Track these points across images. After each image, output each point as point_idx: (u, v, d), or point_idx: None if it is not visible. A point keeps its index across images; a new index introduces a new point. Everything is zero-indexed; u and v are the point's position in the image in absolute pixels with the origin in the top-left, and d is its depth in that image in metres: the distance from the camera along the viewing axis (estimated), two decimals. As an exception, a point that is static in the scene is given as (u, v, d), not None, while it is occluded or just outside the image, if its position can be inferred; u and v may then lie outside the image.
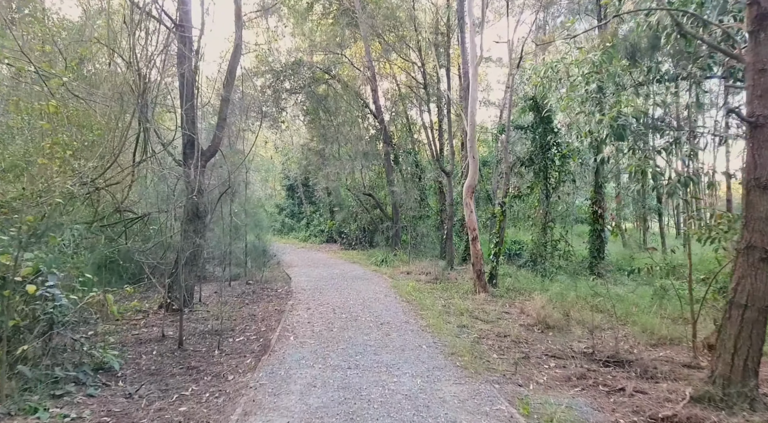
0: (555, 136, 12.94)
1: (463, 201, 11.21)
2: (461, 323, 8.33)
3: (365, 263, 17.04)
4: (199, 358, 6.63)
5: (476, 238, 11.06)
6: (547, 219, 13.24)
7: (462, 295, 11.05)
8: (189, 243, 8.93)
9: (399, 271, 15.01)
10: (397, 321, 8.40)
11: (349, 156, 19.55)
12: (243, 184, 14.27)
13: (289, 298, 10.89)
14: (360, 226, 22.23)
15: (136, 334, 7.70)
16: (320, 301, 10.34)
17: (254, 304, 10.42)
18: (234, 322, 8.61)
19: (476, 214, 14.72)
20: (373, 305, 9.75)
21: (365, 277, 13.95)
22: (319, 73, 19.82)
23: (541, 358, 6.68)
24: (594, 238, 13.72)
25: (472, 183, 11.09)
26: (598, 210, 13.64)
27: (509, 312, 9.55)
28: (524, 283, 12.22)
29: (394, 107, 21.31)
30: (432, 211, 20.49)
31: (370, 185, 21.71)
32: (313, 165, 23.08)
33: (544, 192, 13.30)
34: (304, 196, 30.96)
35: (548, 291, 11.03)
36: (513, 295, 11.09)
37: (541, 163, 13.09)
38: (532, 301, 10.07)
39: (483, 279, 11.08)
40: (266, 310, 9.63)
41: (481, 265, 11.09)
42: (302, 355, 6.45)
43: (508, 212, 22.73)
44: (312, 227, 28.91)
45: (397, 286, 11.97)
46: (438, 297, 10.82)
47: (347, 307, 9.64)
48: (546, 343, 7.43)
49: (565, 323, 8.49)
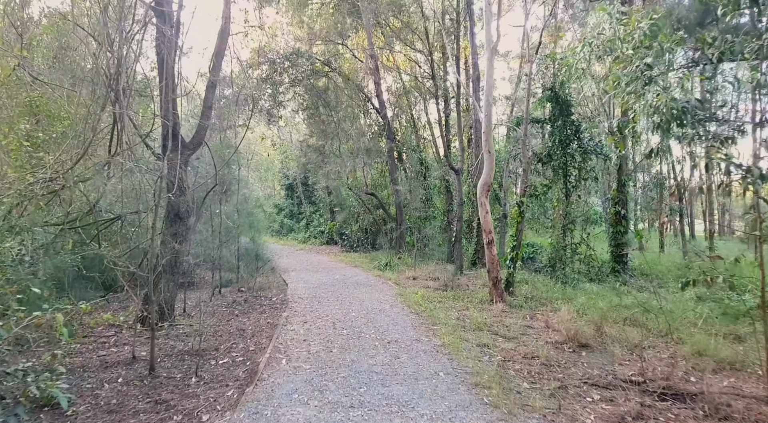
0: (576, 129, 11.82)
1: (478, 200, 10.10)
2: (481, 341, 7.21)
3: (368, 267, 15.93)
4: (172, 387, 5.53)
5: (492, 242, 9.95)
6: (566, 220, 12.12)
7: (477, 305, 9.94)
8: (168, 248, 7.85)
9: (404, 277, 13.91)
10: (407, 339, 7.28)
11: (350, 153, 18.45)
12: (235, 182, 13.23)
13: (284, 308, 9.78)
14: (362, 228, 21.13)
15: (103, 356, 6.60)
16: (318, 312, 9.23)
17: (245, 315, 9.32)
18: (219, 339, 7.51)
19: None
20: (378, 318, 8.64)
21: (368, 283, 12.84)
22: (318, 64, 18.71)
23: (581, 388, 5.56)
24: (616, 242, 12.60)
25: (487, 180, 9.99)
26: (621, 211, 12.53)
27: (532, 326, 8.43)
28: (543, 290, 11.10)
29: (398, 102, 20.20)
30: (438, 212, 19.38)
31: (372, 184, 20.60)
32: (312, 163, 21.97)
33: (564, 191, 12.19)
34: (304, 196, 29.87)
35: (572, 301, 9.94)
36: (533, 304, 9.98)
37: (561, 159, 11.97)
38: (557, 312, 8.99)
39: (500, 287, 9.97)
40: (257, 324, 8.52)
41: (497, 272, 9.98)
42: (295, 385, 5.34)
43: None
44: (312, 228, 27.83)
45: (404, 295, 10.86)
46: (450, 307, 9.71)
47: (349, 320, 8.53)
48: (582, 367, 6.32)
49: (600, 341, 7.39)
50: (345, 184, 20.62)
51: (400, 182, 18.85)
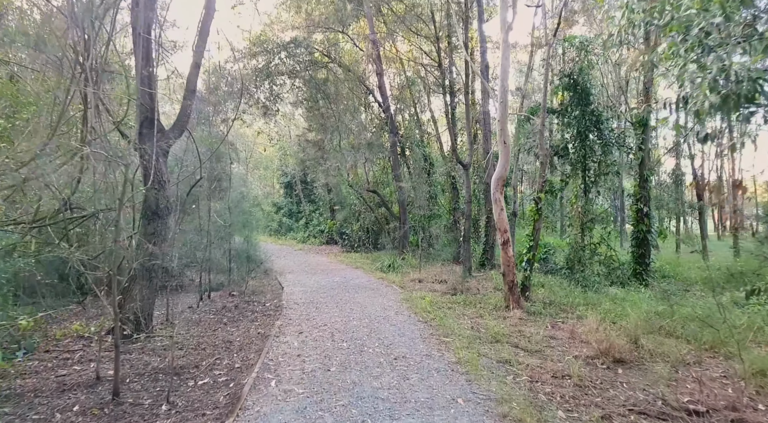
0: (596, 119, 10.87)
1: (492, 196, 9.16)
2: (501, 356, 6.27)
3: (369, 269, 14.99)
4: (137, 418, 4.59)
5: (508, 242, 9.01)
6: (585, 218, 11.17)
7: (491, 311, 9.01)
8: (143, 250, 6.92)
9: (409, 279, 12.97)
10: (416, 353, 6.34)
11: (351, 148, 17.48)
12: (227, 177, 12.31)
13: (278, 315, 8.85)
14: (363, 227, 20.17)
15: (62, 376, 5.66)
16: (316, 320, 8.29)
17: (234, 323, 8.38)
18: (201, 354, 6.58)
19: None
20: (382, 328, 7.70)
21: (370, 286, 11.90)
22: (318, 55, 17.76)
23: (628, 419, 4.63)
24: (639, 242, 11.65)
25: (502, 174, 9.04)
26: (644, 208, 11.58)
27: (555, 336, 7.49)
28: (562, 295, 10.17)
29: (401, 94, 19.24)
30: (443, 210, 18.43)
31: (374, 181, 19.65)
32: (311, 159, 21.01)
33: (582, 186, 11.24)
34: (303, 194, 28.93)
35: (596, 307, 9.01)
36: (553, 311, 9.04)
37: (579, 152, 11.02)
38: (582, 320, 8.06)
39: (516, 292, 9.03)
40: (247, 335, 7.58)
41: (513, 275, 9.05)
42: (284, 417, 4.41)
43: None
44: (311, 227, 26.90)
45: (410, 300, 9.92)
46: (461, 314, 8.77)
47: (350, 330, 7.59)
48: (623, 389, 5.38)
49: (637, 355, 6.45)
50: (345, 181, 19.67)
51: (403, 179, 17.92)
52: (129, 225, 7.69)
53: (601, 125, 10.85)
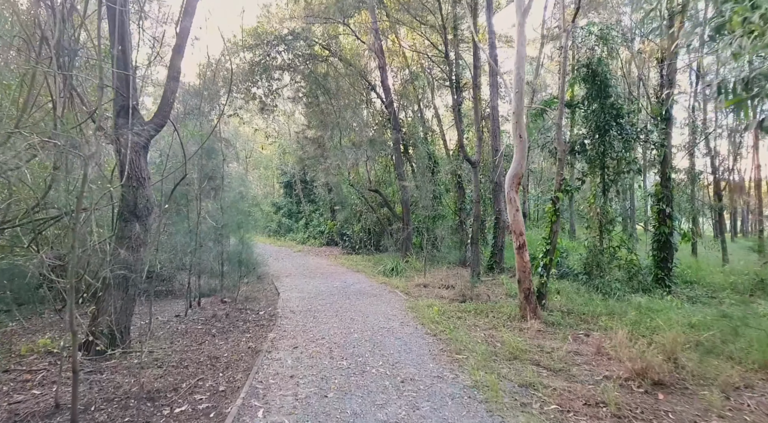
0: (616, 113, 10.07)
1: (506, 196, 8.37)
2: (522, 378, 5.49)
3: (371, 272, 14.21)
4: (95, 460, 3.81)
5: (524, 246, 8.23)
6: (604, 219, 10.38)
7: (505, 322, 8.22)
8: (118, 255, 6.15)
9: (413, 284, 12.19)
10: (426, 375, 5.56)
11: (352, 145, 16.68)
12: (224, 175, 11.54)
13: (272, 326, 8.07)
14: (364, 228, 19.39)
15: (17, 403, 4.88)
16: (313, 333, 7.51)
17: (223, 335, 7.60)
18: (182, 373, 5.80)
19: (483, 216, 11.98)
20: (386, 342, 6.91)
21: (373, 292, 11.12)
22: (318, 48, 16.99)
23: (685, 463, 3.84)
24: (660, 244, 10.85)
25: (518, 171, 8.25)
26: (666, 208, 10.77)
27: (579, 351, 6.70)
28: (580, 303, 9.38)
29: (404, 89, 18.45)
30: (448, 211, 17.63)
31: (376, 180, 18.87)
32: (311, 157, 20.21)
33: (601, 185, 10.45)
34: (303, 194, 28.15)
35: (620, 317, 8.22)
36: (572, 321, 8.26)
37: (597, 148, 10.22)
38: (607, 333, 7.27)
39: (533, 301, 8.25)
40: (236, 349, 6.80)
41: (530, 282, 8.26)
42: (270, 463, 3.63)
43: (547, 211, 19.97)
44: (311, 228, 26.12)
45: (416, 308, 9.14)
46: (473, 325, 7.99)
47: (350, 344, 6.81)
48: (669, 421, 4.59)
49: (678, 377, 5.66)
50: (346, 180, 18.88)
51: (406, 178, 17.14)
52: (105, 228, 6.94)
53: (621, 119, 10.05)
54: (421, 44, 18.23)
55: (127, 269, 6.29)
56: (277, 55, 16.54)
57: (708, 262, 14.88)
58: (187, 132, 10.35)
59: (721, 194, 16.65)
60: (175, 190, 7.28)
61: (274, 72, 16.77)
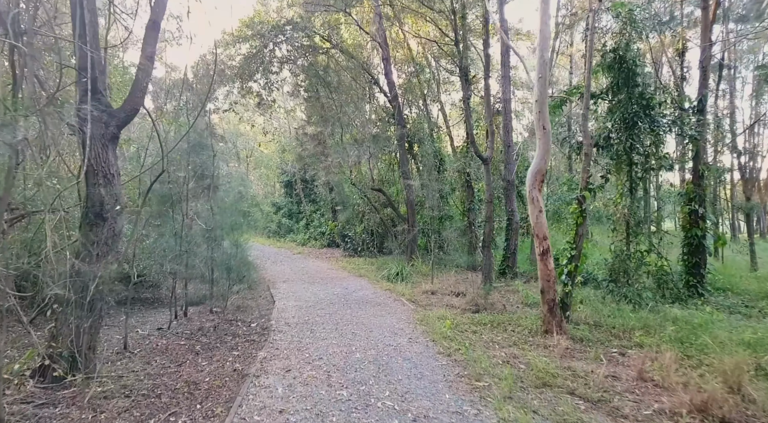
0: (646, 103, 9.11)
1: (528, 195, 7.43)
2: (559, 415, 4.56)
3: (375, 277, 13.28)
4: None
5: (548, 252, 7.29)
6: (632, 222, 9.42)
7: (526, 337, 7.30)
8: (83, 262, 5.27)
9: (420, 290, 11.27)
10: (443, 410, 4.63)
11: (354, 141, 15.74)
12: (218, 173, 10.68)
13: (264, 342, 7.16)
14: (367, 229, 18.46)
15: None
16: (309, 351, 6.58)
17: (207, 353, 6.69)
18: (153, 405, 4.89)
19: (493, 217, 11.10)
20: (393, 364, 5.99)
21: (377, 300, 10.20)
22: (318, 39, 16.07)
23: None
24: (692, 249, 9.90)
25: (541, 167, 7.32)
26: (699, 209, 9.82)
27: (618, 376, 5.77)
28: (607, 313, 8.45)
29: (409, 83, 17.51)
30: (455, 211, 16.70)
31: (379, 179, 17.93)
32: (310, 155, 19.27)
33: (628, 183, 9.50)
34: (303, 194, 27.24)
35: (656, 331, 7.29)
36: (602, 336, 7.32)
37: (625, 143, 9.27)
38: (646, 352, 6.35)
39: (557, 313, 7.31)
40: (220, 372, 5.89)
41: (554, 292, 7.33)
42: None
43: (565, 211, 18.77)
44: (312, 229, 25.22)
45: (426, 320, 8.21)
46: (491, 342, 7.06)
47: (351, 367, 5.89)
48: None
49: (746, 412, 4.72)
50: (348, 179, 17.93)
51: (411, 176, 16.20)
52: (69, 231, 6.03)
53: (651, 111, 9.09)
54: (427, 34, 17.29)
55: (92, 279, 5.39)
56: (275, 48, 15.63)
57: (736, 266, 13.91)
58: (175, 125, 9.48)
59: (750, 193, 15.65)
60: (152, 187, 6.35)
61: (272, 64, 15.86)
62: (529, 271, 13.94)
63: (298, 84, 17.34)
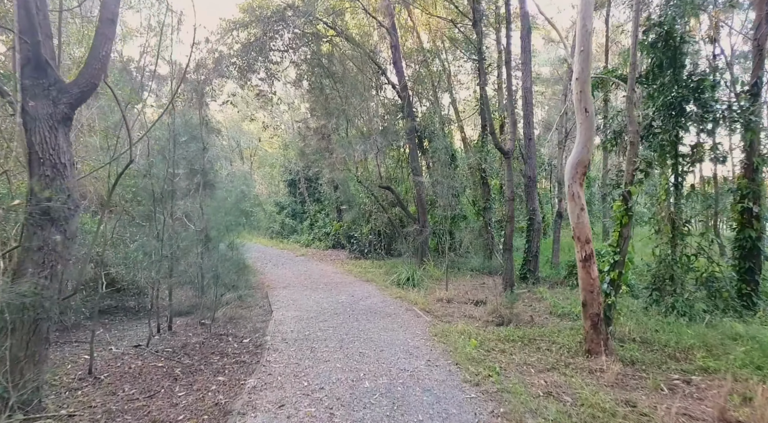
0: (696, 87, 7.94)
1: (567, 190, 6.28)
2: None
3: (383, 282, 12.16)
4: None
5: (592, 258, 6.15)
6: (678, 221, 8.25)
7: (566, 358, 6.16)
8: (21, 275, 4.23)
9: (435, 298, 10.15)
10: (482, 471, 3.51)
11: (361, 134, 14.60)
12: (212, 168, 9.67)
13: (255, 364, 6.07)
14: (374, 229, 17.33)
15: None
16: (308, 378, 5.47)
17: (188, 378, 5.60)
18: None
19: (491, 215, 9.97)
20: (410, 398, 4.86)
21: (387, 310, 9.08)
22: (321, 26, 14.98)
23: None
24: (745, 252, 8.72)
25: (583, 157, 6.17)
26: (753, 207, 8.64)
27: (692, 414, 4.62)
28: (653, 326, 7.31)
29: (419, 75, 16.37)
30: (470, 210, 15.55)
31: (387, 176, 16.79)
32: (314, 150, 18.14)
33: (673, 177, 8.33)
34: (308, 193, 26.15)
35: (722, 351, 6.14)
36: (657, 357, 6.17)
37: (670, 131, 8.10)
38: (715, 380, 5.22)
39: (603, 331, 6.17)
40: (198, 406, 4.80)
41: (599, 306, 6.18)
42: None
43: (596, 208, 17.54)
44: (316, 229, 24.12)
45: (445, 337, 7.08)
46: (525, 365, 5.92)
47: (359, 401, 4.77)
48: None
49: None
50: (353, 176, 16.80)
51: (422, 173, 15.07)
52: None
53: (702, 95, 7.92)
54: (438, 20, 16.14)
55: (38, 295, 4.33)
56: (276, 35, 14.55)
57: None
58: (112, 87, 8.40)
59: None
60: (118, 181, 5.25)
61: (273, 53, 14.78)
62: (551, 276, 12.79)
63: (301, 75, 16.24)
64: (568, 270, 11.98)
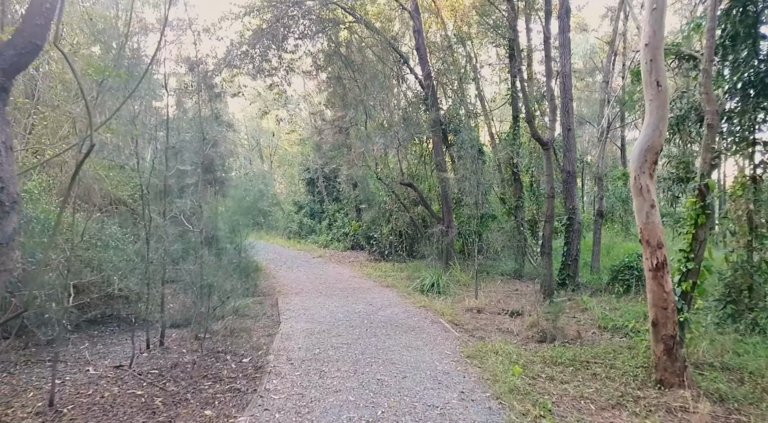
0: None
1: (633, 183, 5.07)
2: None
3: (405, 288, 11.05)
4: None
5: (665, 266, 4.94)
6: (757, 221, 6.94)
7: (633, 390, 4.96)
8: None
9: (464, 307, 9.02)
10: None
11: (382, 127, 13.51)
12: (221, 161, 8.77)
13: (252, 393, 5.03)
14: (395, 230, 16.21)
15: None
16: (313, 416, 4.39)
17: (169, 412, 4.60)
18: None
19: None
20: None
21: (409, 323, 7.97)
22: (339, 12, 13.98)
23: None
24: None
25: (655, 142, 4.96)
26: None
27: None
28: (731, 347, 6.04)
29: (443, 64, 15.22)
30: (500, 209, 14.32)
31: (408, 173, 15.66)
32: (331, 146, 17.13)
33: (752, 170, 7.02)
34: (326, 191, 25.19)
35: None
36: (749, 391, 4.92)
37: (750, 115, 6.81)
38: None
39: (679, 357, 4.96)
40: (171, 456, 3.77)
41: (675, 327, 4.97)
42: None
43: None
44: (334, 229, 23.14)
45: (479, 359, 5.94)
46: (583, 399, 4.75)
47: (376, 454, 3.68)
48: None
49: None
50: (373, 173, 15.71)
51: (447, 168, 13.91)
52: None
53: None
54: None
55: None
56: (290, 22, 13.59)
57: None
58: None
59: None
60: (78, 171, 4.27)
61: (287, 41, 13.82)
62: (592, 282, 11.48)
63: (317, 65, 15.25)
64: (612, 275, 10.71)
